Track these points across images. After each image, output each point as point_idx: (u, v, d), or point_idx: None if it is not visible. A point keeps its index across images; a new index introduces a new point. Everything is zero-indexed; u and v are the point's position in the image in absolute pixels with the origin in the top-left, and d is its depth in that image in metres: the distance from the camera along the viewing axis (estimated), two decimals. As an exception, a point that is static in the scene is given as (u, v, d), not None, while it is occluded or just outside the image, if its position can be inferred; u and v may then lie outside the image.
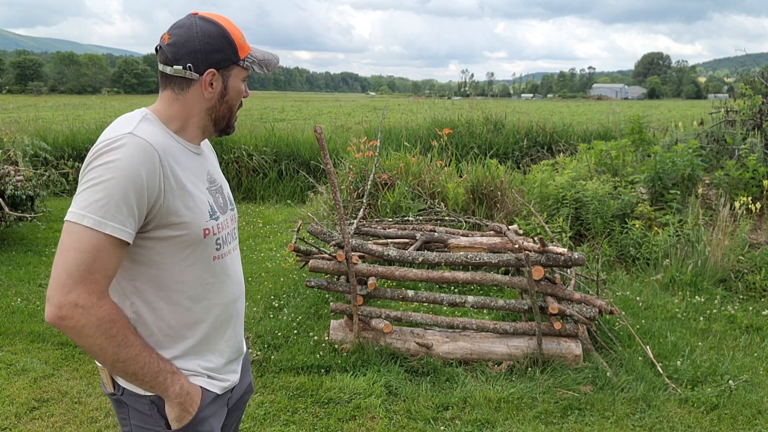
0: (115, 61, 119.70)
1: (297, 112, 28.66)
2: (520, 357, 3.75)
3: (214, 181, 1.53)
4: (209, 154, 1.61)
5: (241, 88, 1.48)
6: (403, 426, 3.17)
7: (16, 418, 3.23)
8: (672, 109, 30.49)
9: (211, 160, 1.60)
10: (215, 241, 1.45)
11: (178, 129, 1.45)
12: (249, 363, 1.78)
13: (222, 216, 1.50)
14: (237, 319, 1.59)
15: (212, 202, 1.47)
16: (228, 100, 1.46)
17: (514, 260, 3.81)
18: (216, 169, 1.60)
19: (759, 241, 5.89)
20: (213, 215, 1.45)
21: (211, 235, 1.43)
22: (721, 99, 10.14)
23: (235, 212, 1.61)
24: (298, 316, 4.54)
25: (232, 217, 1.58)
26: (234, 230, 1.59)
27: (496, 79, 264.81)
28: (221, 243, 1.48)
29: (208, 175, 1.51)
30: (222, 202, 1.53)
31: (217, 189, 1.53)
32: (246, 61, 1.45)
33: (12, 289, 5.26)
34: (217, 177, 1.56)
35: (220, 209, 1.50)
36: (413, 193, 6.86)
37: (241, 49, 1.44)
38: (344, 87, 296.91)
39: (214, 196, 1.50)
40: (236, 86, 1.46)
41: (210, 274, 1.46)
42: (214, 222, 1.45)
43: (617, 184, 6.85)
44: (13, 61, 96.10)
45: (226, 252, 1.51)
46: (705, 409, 3.33)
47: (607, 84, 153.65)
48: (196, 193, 1.42)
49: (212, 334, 1.50)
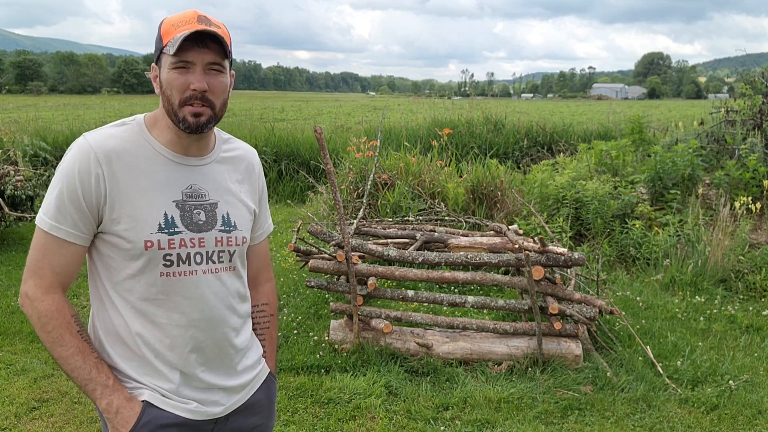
0: (114, 60, 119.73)
1: (297, 112, 28.68)
2: (520, 357, 3.75)
3: (199, 195, 1.42)
4: (218, 168, 1.48)
5: (172, 77, 1.33)
6: (403, 426, 3.17)
7: (16, 418, 3.23)
8: (672, 109, 30.50)
9: (213, 175, 1.46)
10: (163, 256, 1.35)
11: (159, 132, 1.40)
12: (263, 406, 1.61)
13: (190, 233, 1.39)
14: (203, 346, 1.44)
15: (174, 216, 1.37)
16: (165, 92, 1.35)
17: (514, 260, 3.80)
18: (218, 184, 1.47)
19: (759, 241, 5.89)
20: (166, 229, 1.35)
21: (155, 248, 1.34)
22: (721, 99, 10.15)
23: (230, 235, 1.46)
24: (298, 316, 4.54)
25: (219, 239, 1.44)
26: (218, 253, 1.44)
27: (496, 79, 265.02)
28: (175, 260, 1.37)
29: (190, 187, 1.41)
30: (203, 220, 1.41)
31: (202, 205, 1.42)
32: (168, 47, 1.32)
33: (12, 289, 5.26)
34: (208, 192, 1.44)
35: (190, 226, 1.39)
36: (413, 193, 6.86)
37: (165, 35, 1.34)
38: (344, 87, 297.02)
39: (188, 210, 1.39)
40: (166, 76, 1.34)
41: (157, 290, 1.37)
42: (166, 236, 1.35)
43: (617, 184, 6.84)
44: (12, 61, 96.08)
45: (185, 271, 1.38)
46: (705, 409, 3.33)
47: (607, 84, 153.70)
48: (145, 201, 1.35)
49: (164, 354, 1.40)
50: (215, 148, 1.50)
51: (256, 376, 1.60)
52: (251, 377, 1.58)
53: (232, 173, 1.51)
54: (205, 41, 1.33)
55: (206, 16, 1.36)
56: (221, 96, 1.38)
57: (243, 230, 1.50)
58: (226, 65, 1.39)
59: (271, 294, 1.74)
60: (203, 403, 1.46)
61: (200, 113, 1.35)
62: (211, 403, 1.47)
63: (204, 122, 1.36)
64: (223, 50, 1.35)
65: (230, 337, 1.50)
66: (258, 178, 1.61)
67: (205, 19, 1.35)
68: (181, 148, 1.41)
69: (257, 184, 1.60)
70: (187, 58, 1.32)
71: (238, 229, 1.48)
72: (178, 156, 1.41)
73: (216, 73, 1.36)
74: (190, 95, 1.33)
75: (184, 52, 1.31)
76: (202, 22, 1.33)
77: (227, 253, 1.46)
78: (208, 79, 1.34)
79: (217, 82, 1.36)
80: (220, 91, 1.38)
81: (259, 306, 1.70)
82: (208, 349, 1.45)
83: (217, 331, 1.46)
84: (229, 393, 1.51)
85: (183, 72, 1.33)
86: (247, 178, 1.56)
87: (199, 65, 1.33)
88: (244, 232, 1.51)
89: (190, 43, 1.31)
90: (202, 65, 1.34)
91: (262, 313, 1.72)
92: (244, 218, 1.52)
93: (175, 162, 1.40)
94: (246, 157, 1.57)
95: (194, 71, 1.33)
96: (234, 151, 1.55)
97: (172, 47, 1.30)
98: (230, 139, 1.57)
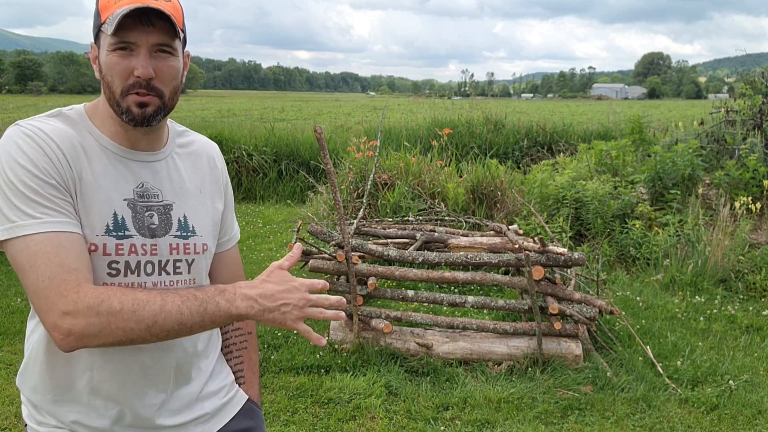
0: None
1: (297, 112, 28.69)
2: (520, 357, 3.75)
3: (151, 196, 1.21)
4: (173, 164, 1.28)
5: (112, 61, 1.12)
6: (403, 426, 3.17)
7: (16, 418, 3.23)
8: (672, 109, 30.51)
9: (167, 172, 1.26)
10: (108, 263, 1.14)
11: (101, 123, 1.20)
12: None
13: (142, 238, 1.18)
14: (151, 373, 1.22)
15: (124, 216, 1.17)
16: (105, 77, 1.14)
17: (514, 260, 3.81)
18: (173, 183, 1.26)
19: (759, 241, 5.90)
20: (114, 231, 1.15)
21: (99, 253, 1.13)
22: (721, 99, 10.14)
23: (186, 241, 1.24)
24: (298, 316, 4.53)
25: (175, 246, 1.22)
26: (173, 263, 1.22)
27: (496, 79, 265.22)
28: (122, 269, 1.15)
29: (141, 186, 1.20)
30: (156, 224, 1.21)
31: (154, 207, 1.21)
32: (105, 24, 1.11)
33: (12, 289, 5.26)
34: (161, 192, 1.23)
35: (142, 230, 1.18)
36: (413, 193, 6.86)
37: (103, 10, 1.12)
38: (344, 87, 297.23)
39: (141, 212, 1.19)
40: (105, 59, 1.13)
41: None
42: (113, 240, 1.14)
43: (617, 184, 6.84)
44: (12, 61, 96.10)
45: (132, 282, 1.16)
46: (705, 409, 3.33)
47: (607, 84, 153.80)
48: (92, 199, 1.14)
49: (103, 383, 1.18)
50: (168, 141, 1.29)
51: (224, 406, 1.38)
52: (215, 406, 1.36)
53: (190, 170, 1.31)
54: (150, 18, 1.11)
55: None
56: (171, 83, 1.17)
57: (203, 236, 1.28)
58: (178, 46, 1.17)
59: None
60: None
61: (146, 103, 1.14)
62: None
63: (151, 113, 1.15)
64: (173, 29, 1.13)
65: (188, 363, 1.28)
66: (221, 174, 1.40)
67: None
68: (128, 142, 1.20)
69: (221, 182, 1.39)
70: (128, 39, 1.11)
71: (197, 235, 1.27)
72: (126, 150, 1.20)
73: (165, 56, 1.15)
74: (134, 82, 1.12)
75: (125, 31, 1.10)
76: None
77: (185, 262, 1.24)
78: (155, 63, 1.13)
79: (166, 67, 1.15)
80: (170, 78, 1.16)
81: (233, 324, 1.45)
82: (157, 378, 1.23)
83: (169, 358, 1.24)
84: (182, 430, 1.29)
85: (125, 55, 1.12)
86: (209, 175, 1.35)
87: (144, 47, 1.12)
88: (205, 238, 1.29)
89: (131, 21, 1.09)
90: (147, 47, 1.12)
91: (238, 332, 1.48)
92: (205, 222, 1.30)
93: (123, 157, 1.20)
94: (205, 151, 1.37)
95: (138, 54, 1.12)
96: (191, 145, 1.35)
97: (110, 25, 1.09)
98: (186, 132, 1.37)
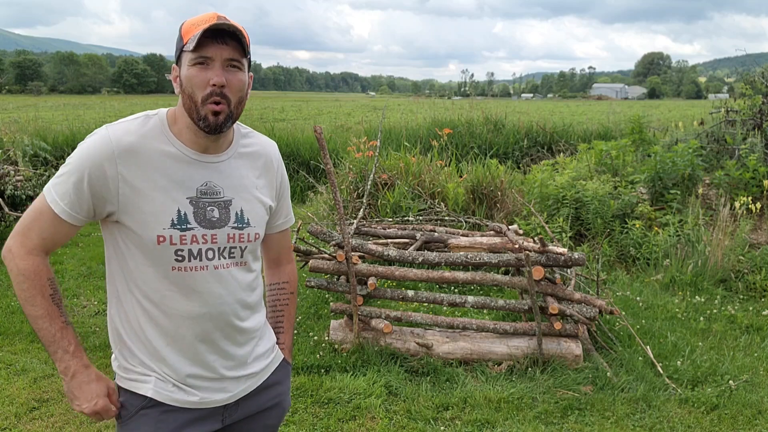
0: (114, 61, 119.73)
1: (297, 112, 28.68)
2: (520, 357, 3.75)
3: (213, 193, 1.45)
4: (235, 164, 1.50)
5: (192, 73, 1.35)
6: (403, 426, 3.17)
7: (16, 418, 3.23)
8: (672, 109, 30.49)
9: (229, 171, 1.48)
10: (174, 251, 1.40)
11: (178, 130, 1.43)
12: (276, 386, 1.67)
13: (202, 229, 1.42)
14: (213, 337, 1.49)
15: (186, 212, 1.41)
16: (185, 89, 1.37)
17: (514, 260, 3.80)
18: (234, 181, 1.49)
19: (759, 241, 5.90)
20: (178, 225, 1.40)
21: (167, 243, 1.39)
22: (721, 99, 10.15)
23: (242, 232, 1.49)
24: (298, 316, 4.54)
25: (232, 236, 1.47)
26: (229, 249, 1.48)
27: (496, 79, 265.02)
28: (186, 255, 1.41)
29: (205, 185, 1.44)
30: (216, 217, 1.45)
31: (216, 202, 1.45)
32: (188, 44, 1.35)
33: (12, 289, 5.26)
34: (223, 190, 1.47)
35: (203, 222, 1.43)
36: (413, 193, 6.86)
37: (185, 34, 1.37)
38: (344, 87, 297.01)
39: (203, 207, 1.43)
40: (186, 73, 1.36)
41: (169, 282, 1.42)
42: (178, 232, 1.39)
43: (617, 184, 6.85)
44: (12, 61, 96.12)
45: (196, 266, 1.43)
46: (705, 409, 3.33)
47: (607, 84, 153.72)
48: (157, 197, 1.38)
49: (174, 343, 1.46)
50: (233, 143, 1.51)
51: (267, 366, 1.64)
52: (262, 367, 1.62)
53: (249, 169, 1.53)
54: (223, 37, 1.35)
55: (225, 17, 1.38)
56: (238, 93, 1.39)
57: (256, 227, 1.53)
58: (245, 63, 1.41)
59: (292, 274, 1.79)
60: (211, 390, 1.51)
61: (219, 111, 1.36)
62: (218, 391, 1.52)
63: (222, 121, 1.38)
64: (241, 47, 1.37)
65: (240, 328, 1.53)
66: (276, 172, 1.61)
67: (225, 19, 1.37)
68: (200, 147, 1.44)
69: (275, 179, 1.61)
70: (206, 54, 1.34)
71: (251, 226, 1.51)
72: (196, 153, 1.44)
73: (234, 70, 1.38)
74: (211, 91, 1.35)
75: (204, 47, 1.34)
76: (221, 20, 1.36)
77: (239, 249, 1.50)
78: (226, 75, 1.36)
79: (235, 79, 1.38)
80: (237, 89, 1.39)
81: (279, 284, 1.77)
82: (218, 340, 1.50)
83: (226, 324, 1.50)
84: (238, 381, 1.55)
85: (203, 68, 1.35)
86: (265, 174, 1.57)
87: (218, 60, 1.35)
88: (257, 228, 1.53)
89: (209, 39, 1.33)
90: (221, 61, 1.35)
91: (282, 291, 1.78)
92: (259, 215, 1.54)
93: (193, 159, 1.43)
94: (264, 152, 1.58)
95: (213, 67, 1.35)
96: (252, 146, 1.56)
97: (192, 43, 1.32)
98: (250, 133, 1.58)
